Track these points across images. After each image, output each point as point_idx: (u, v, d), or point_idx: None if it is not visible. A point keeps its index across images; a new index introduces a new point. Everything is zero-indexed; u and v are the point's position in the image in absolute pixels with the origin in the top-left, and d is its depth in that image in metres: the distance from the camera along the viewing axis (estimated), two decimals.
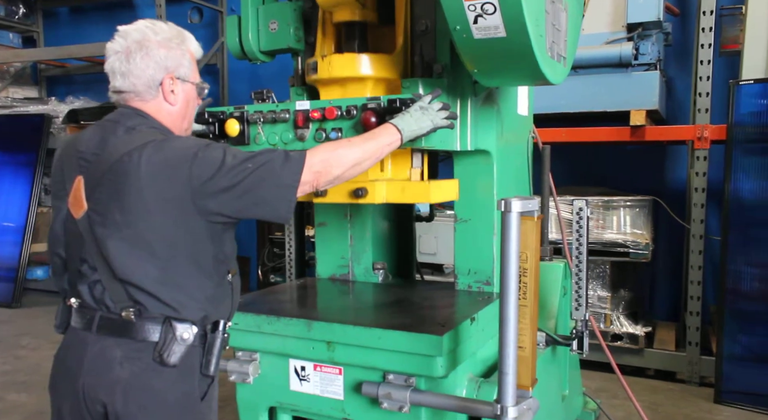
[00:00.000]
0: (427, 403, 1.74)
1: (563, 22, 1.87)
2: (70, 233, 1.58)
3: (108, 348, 1.54)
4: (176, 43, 1.63)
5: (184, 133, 1.72)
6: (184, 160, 1.48)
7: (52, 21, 8.00)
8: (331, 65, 1.93)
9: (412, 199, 1.98)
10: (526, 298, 1.63)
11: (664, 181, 5.10)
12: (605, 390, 3.97)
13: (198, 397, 1.60)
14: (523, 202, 1.49)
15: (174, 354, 1.52)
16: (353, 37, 2.00)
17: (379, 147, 1.65)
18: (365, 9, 1.99)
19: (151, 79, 1.59)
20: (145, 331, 1.52)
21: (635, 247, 4.17)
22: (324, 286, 2.42)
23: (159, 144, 1.51)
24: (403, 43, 2.00)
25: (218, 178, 1.47)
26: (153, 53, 1.58)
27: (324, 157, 1.56)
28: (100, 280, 1.54)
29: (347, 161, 1.58)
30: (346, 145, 1.61)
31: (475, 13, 1.52)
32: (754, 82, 3.78)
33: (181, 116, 1.68)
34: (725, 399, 3.83)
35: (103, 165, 1.52)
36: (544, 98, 3.72)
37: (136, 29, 1.60)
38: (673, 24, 4.69)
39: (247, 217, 1.55)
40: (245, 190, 1.48)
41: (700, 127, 4.04)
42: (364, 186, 1.93)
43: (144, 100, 1.62)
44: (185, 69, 1.65)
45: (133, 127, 1.57)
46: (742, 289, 3.82)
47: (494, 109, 2.14)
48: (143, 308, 1.52)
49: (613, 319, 4.37)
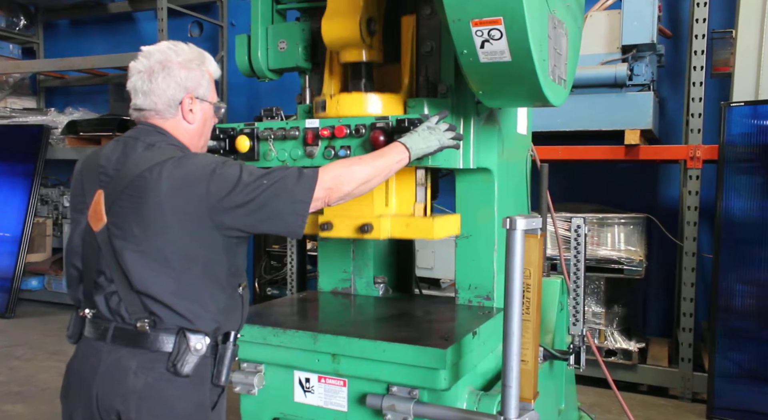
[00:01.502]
0: (430, 415, 1.78)
1: (564, 46, 1.94)
2: (88, 245, 1.62)
3: (122, 358, 1.57)
4: (196, 64, 1.69)
5: (201, 150, 1.78)
6: (203, 177, 1.53)
7: (53, 33, 8.05)
8: (339, 104, 1.99)
9: (416, 235, 2.03)
10: (529, 313, 1.68)
11: (657, 199, 5.19)
12: (599, 405, 4.01)
13: (209, 407, 1.64)
14: (527, 220, 1.54)
15: (187, 364, 1.56)
16: (360, 76, 2.05)
17: (389, 164, 1.71)
18: (371, 50, 2.04)
19: (172, 98, 1.65)
20: (160, 342, 1.56)
21: (629, 264, 4.24)
22: (327, 300, 2.46)
23: (178, 161, 1.56)
24: (409, 84, 2.05)
25: (234, 194, 1.52)
26: (174, 74, 1.64)
27: (336, 174, 1.61)
28: (116, 291, 1.58)
29: (358, 178, 1.64)
30: (356, 163, 1.67)
31: (482, 38, 1.58)
32: (745, 104, 3.88)
33: (198, 134, 1.74)
34: (717, 415, 3.88)
35: (123, 180, 1.57)
36: (541, 117, 3.81)
37: (159, 50, 1.66)
38: (666, 46, 4.81)
39: (261, 232, 1.60)
40: (260, 205, 1.54)
41: (693, 147, 4.13)
42: (369, 222, 1.98)
43: (164, 118, 1.68)
44: (204, 89, 1.71)
45: (152, 144, 1.63)
46: (733, 306, 3.89)
47: (496, 129, 2.21)
48: (158, 319, 1.56)
49: (607, 335, 4.43)
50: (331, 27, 1.99)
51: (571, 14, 2.05)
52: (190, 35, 7.22)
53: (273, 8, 2.28)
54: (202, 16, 6.81)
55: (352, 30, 1.96)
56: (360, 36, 1.95)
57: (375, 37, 2.03)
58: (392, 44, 2.12)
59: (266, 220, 1.57)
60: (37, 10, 7.76)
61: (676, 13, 5.08)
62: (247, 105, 7.01)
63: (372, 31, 2.00)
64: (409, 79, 2.04)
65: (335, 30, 1.99)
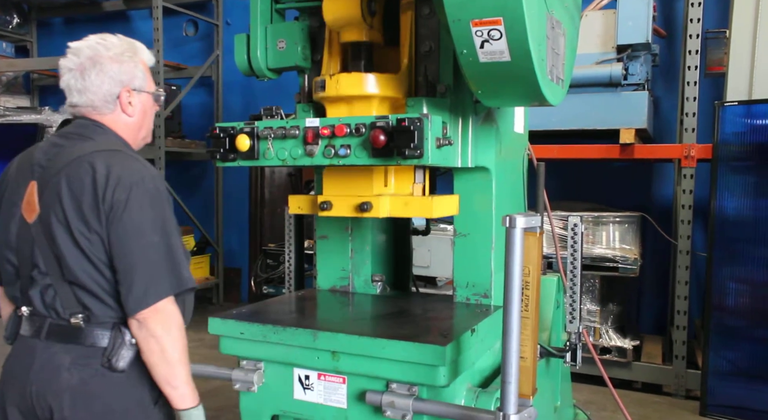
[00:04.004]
0: (429, 412, 1.79)
1: (562, 46, 1.96)
2: (22, 239, 1.62)
3: (56, 355, 1.57)
4: (128, 56, 1.69)
5: (142, 142, 1.80)
6: (126, 187, 1.54)
7: (46, 31, 8.02)
8: (338, 84, 2.00)
9: (415, 213, 2.05)
10: (528, 311, 1.69)
11: (652, 198, 5.23)
12: (594, 402, 4.04)
13: (150, 403, 1.63)
14: (526, 218, 1.56)
15: (123, 359, 1.56)
16: (360, 56, 2.07)
17: (186, 379, 1.61)
18: (372, 30, 2.06)
19: (108, 93, 1.66)
20: (94, 337, 1.56)
21: (624, 262, 4.27)
22: (325, 297, 2.47)
23: (112, 153, 1.58)
24: (408, 64, 2.07)
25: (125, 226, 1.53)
26: (107, 69, 1.65)
27: (169, 330, 1.56)
28: (51, 284, 1.58)
29: (169, 352, 1.56)
30: (177, 362, 1.58)
31: (482, 39, 1.60)
32: (738, 103, 3.91)
33: (138, 126, 1.76)
34: (711, 412, 3.92)
35: (56, 167, 1.58)
36: (538, 116, 3.83)
37: (88, 46, 1.66)
38: (661, 45, 4.84)
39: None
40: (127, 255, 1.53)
41: (687, 146, 4.17)
42: (368, 200, 1.99)
43: (101, 114, 1.68)
44: (140, 80, 1.72)
45: (89, 137, 1.64)
46: (726, 305, 3.93)
47: (493, 128, 2.22)
48: (91, 314, 1.56)
49: (602, 333, 4.46)
50: (333, 6, 2.01)
51: (569, 14, 2.06)
52: (185, 34, 7.21)
53: (272, 8, 2.28)
54: (197, 14, 6.80)
55: (353, 9, 1.97)
56: (361, 15, 1.97)
57: (375, 18, 2.05)
58: (391, 27, 2.14)
59: (120, 269, 1.55)
60: (30, 8, 7.73)
61: (671, 13, 5.12)
62: (243, 103, 7.01)
63: (373, 10, 2.02)
64: (408, 59, 2.06)
65: (337, 9, 2.00)
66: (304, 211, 2.21)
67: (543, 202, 2.74)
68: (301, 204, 2.21)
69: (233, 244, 7.18)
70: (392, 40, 2.14)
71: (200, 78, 6.83)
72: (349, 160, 1.85)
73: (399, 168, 2.07)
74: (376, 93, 2.00)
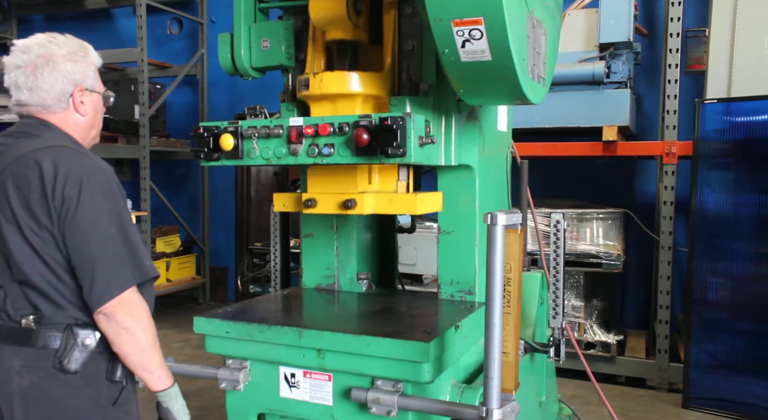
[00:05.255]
0: (414, 408, 1.81)
1: (543, 45, 1.98)
2: None
3: (6, 358, 1.56)
4: (81, 56, 1.69)
5: (92, 142, 1.80)
6: (76, 180, 1.53)
7: (27, 29, 7.91)
8: (322, 82, 2.01)
9: (399, 210, 2.06)
10: (510, 306, 1.72)
11: (634, 195, 5.29)
12: (578, 397, 4.09)
13: (107, 403, 1.62)
14: (507, 215, 1.58)
15: (74, 361, 1.55)
16: (344, 55, 2.08)
17: (160, 362, 1.65)
18: (357, 29, 2.07)
19: (61, 92, 1.65)
20: (46, 339, 1.55)
21: (607, 258, 4.32)
22: (311, 296, 2.48)
23: (58, 149, 1.57)
24: (391, 63, 2.09)
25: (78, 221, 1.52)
26: (60, 67, 1.64)
27: (138, 319, 1.57)
28: (1, 285, 1.57)
29: (142, 337, 1.58)
30: (151, 348, 1.61)
31: (463, 38, 1.62)
32: (718, 101, 3.98)
33: (89, 126, 1.75)
34: (692, 404, 3.99)
35: (3, 163, 1.57)
36: (521, 114, 3.87)
37: (38, 44, 1.64)
38: (642, 44, 4.90)
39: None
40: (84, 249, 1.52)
41: (669, 143, 4.23)
42: (353, 197, 2.00)
43: (51, 112, 1.67)
44: (91, 80, 1.72)
45: (36, 135, 1.63)
46: (707, 299, 3.99)
47: (476, 126, 2.25)
48: (42, 315, 1.55)
49: (586, 328, 4.51)
50: (320, 4, 2.02)
51: (550, 13, 2.09)
52: (169, 32, 7.16)
53: (255, 7, 2.28)
54: (182, 12, 6.76)
55: (339, 7, 1.99)
56: (347, 14, 1.98)
57: (361, 17, 2.07)
58: (375, 26, 2.15)
59: (79, 265, 1.54)
60: (10, 5, 7.63)
61: (652, 11, 5.18)
62: (228, 102, 6.98)
63: (358, 9, 2.03)
64: (391, 58, 2.07)
65: (323, 7, 2.02)
66: (288, 208, 2.22)
67: (526, 200, 2.78)
68: (285, 202, 2.22)
69: (219, 244, 7.15)
70: (377, 38, 2.15)
71: (185, 76, 6.79)
72: (332, 158, 1.86)
73: (382, 166, 2.08)
74: (360, 91, 2.02)
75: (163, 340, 5.35)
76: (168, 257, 6.42)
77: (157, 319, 1.65)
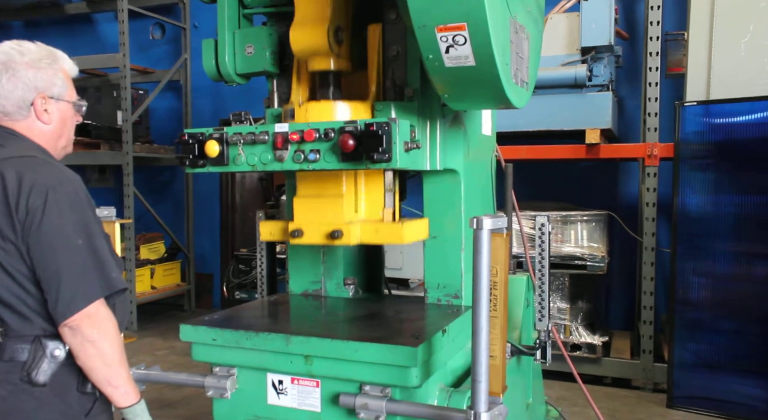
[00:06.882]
0: (402, 413, 1.81)
1: (526, 50, 2.00)
2: None
3: None
4: (47, 63, 1.67)
5: (62, 152, 1.78)
6: (41, 192, 1.51)
7: (5, 35, 7.81)
8: (307, 112, 2.01)
9: (386, 240, 2.06)
10: (496, 310, 1.73)
11: (618, 197, 5.35)
12: (565, 398, 4.11)
13: (79, 415, 1.61)
14: (493, 219, 1.59)
15: (43, 372, 1.54)
16: (328, 85, 2.07)
17: (127, 377, 1.63)
18: (339, 58, 2.06)
19: (21, 99, 1.63)
20: (13, 351, 1.53)
21: (592, 260, 4.36)
22: (298, 302, 2.47)
23: (23, 160, 1.56)
24: (375, 92, 2.08)
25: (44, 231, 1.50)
26: (21, 74, 1.62)
27: (105, 334, 1.55)
28: None
29: (108, 351, 1.56)
30: (117, 362, 1.60)
31: (447, 44, 1.63)
32: (698, 103, 4.04)
33: (56, 135, 1.73)
34: (677, 404, 4.04)
35: None
36: (505, 117, 3.89)
37: (1, 52, 1.63)
38: (623, 47, 4.96)
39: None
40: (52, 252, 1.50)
41: (650, 145, 4.28)
42: (339, 228, 2.01)
43: (14, 120, 1.66)
44: (59, 88, 1.69)
45: (2, 145, 1.61)
46: (690, 299, 4.05)
47: (461, 130, 2.26)
48: (9, 328, 1.53)
49: (572, 330, 4.54)
50: (300, 36, 2.01)
51: (532, 18, 2.11)
52: (152, 37, 7.12)
53: (240, 13, 2.28)
54: (164, 17, 6.72)
55: (320, 39, 1.98)
56: (328, 45, 1.97)
57: (343, 46, 2.05)
58: (359, 51, 2.15)
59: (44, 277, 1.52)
60: None
61: (632, 15, 5.25)
62: (212, 107, 6.95)
63: (340, 39, 2.02)
64: (375, 87, 2.08)
65: (303, 39, 2.01)
66: (275, 238, 2.22)
67: (511, 203, 2.80)
68: (272, 230, 2.22)
69: (204, 250, 7.11)
70: (360, 64, 2.15)
71: (168, 82, 6.75)
72: (318, 164, 1.86)
73: (369, 192, 2.09)
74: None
75: (148, 348, 5.32)
76: (152, 264, 6.37)
77: (141, 327, 1.65)
